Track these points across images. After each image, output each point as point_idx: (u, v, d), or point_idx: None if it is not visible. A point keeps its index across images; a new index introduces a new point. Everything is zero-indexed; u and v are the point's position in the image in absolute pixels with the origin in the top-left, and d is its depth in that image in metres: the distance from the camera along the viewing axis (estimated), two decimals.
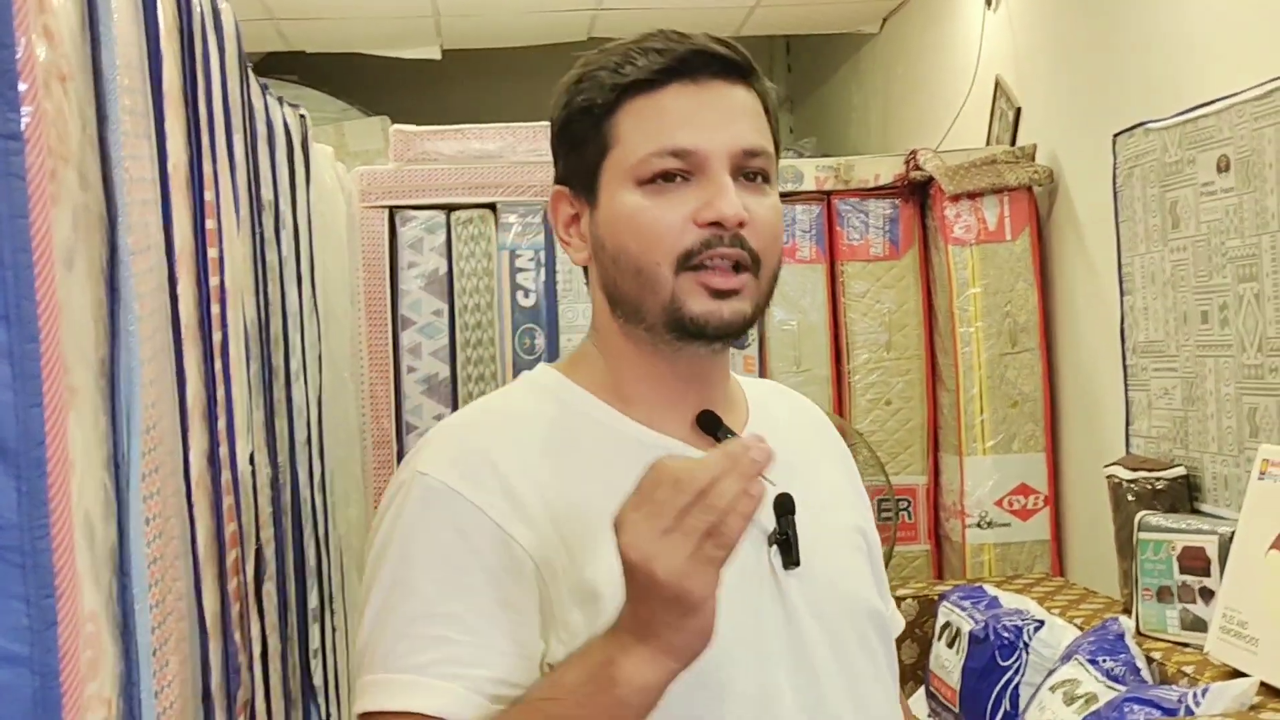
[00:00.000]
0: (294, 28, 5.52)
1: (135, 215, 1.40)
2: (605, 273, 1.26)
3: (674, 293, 1.20)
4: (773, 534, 1.24)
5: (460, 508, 1.16)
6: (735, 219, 1.19)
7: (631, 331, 1.25)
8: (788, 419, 1.41)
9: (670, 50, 1.22)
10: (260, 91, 2.45)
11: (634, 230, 1.21)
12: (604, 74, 1.24)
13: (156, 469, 1.45)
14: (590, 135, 1.25)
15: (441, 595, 1.14)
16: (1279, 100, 2.64)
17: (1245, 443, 2.83)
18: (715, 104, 1.22)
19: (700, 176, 1.20)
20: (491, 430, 1.24)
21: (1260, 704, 2.34)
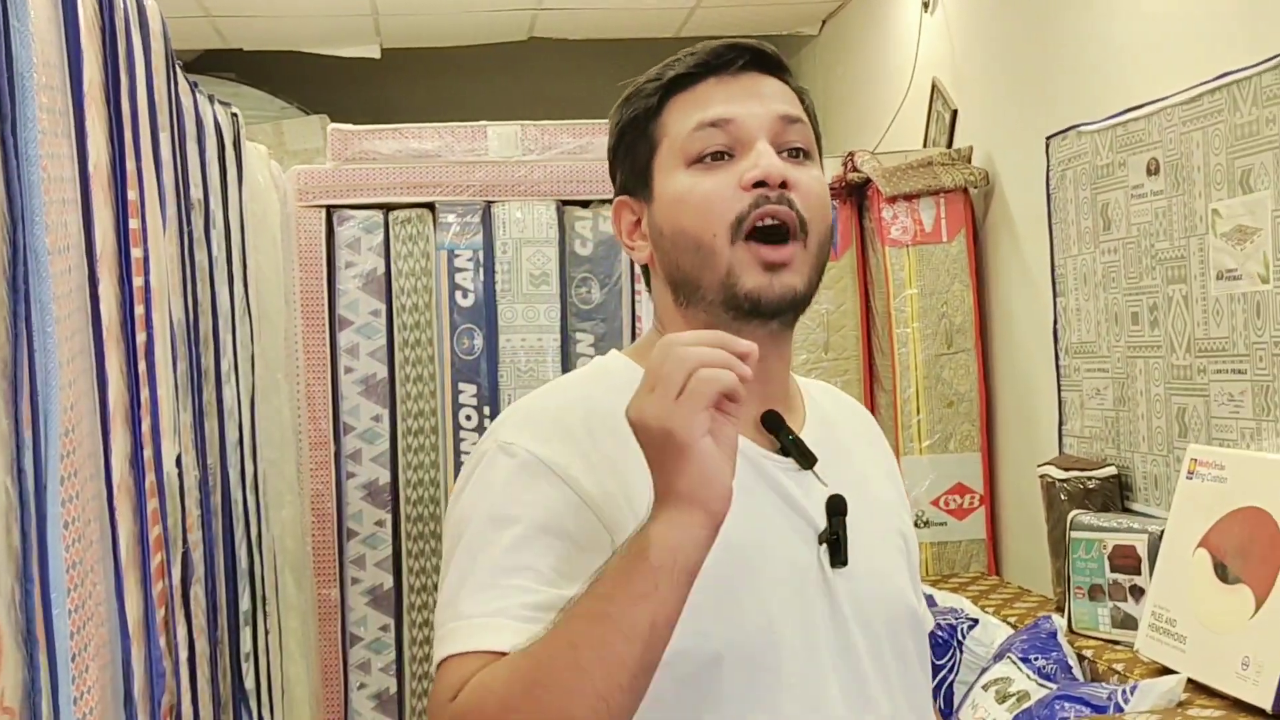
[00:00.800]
0: (231, 25, 5.47)
1: (54, 215, 1.38)
2: (666, 258, 1.32)
3: (730, 266, 1.26)
4: (824, 533, 1.29)
5: (542, 471, 1.22)
6: (778, 175, 1.25)
7: (692, 315, 1.30)
8: (840, 420, 1.45)
9: (705, 48, 1.32)
10: (190, 89, 2.42)
11: (687, 207, 1.28)
12: (648, 85, 1.34)
13: (75, 472, 1.43)
14: (641, 138, 1.33)
15: (523, 551, 1.19)
16: (1206, 105, 2.68)
17: (1174, 442, 2.86)
18: (751, 87, 1.31)
19: (741, 152, 1.28)
20: (565, 406, 1.30)
21: (1188, 700, 2.36)
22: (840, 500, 1.30)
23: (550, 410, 1.31)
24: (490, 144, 3.88)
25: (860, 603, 1.31)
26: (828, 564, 1.29)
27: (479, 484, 1.26)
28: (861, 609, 1.31)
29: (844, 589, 1.29)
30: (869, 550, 1.33)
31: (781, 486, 1.30)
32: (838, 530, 1.29)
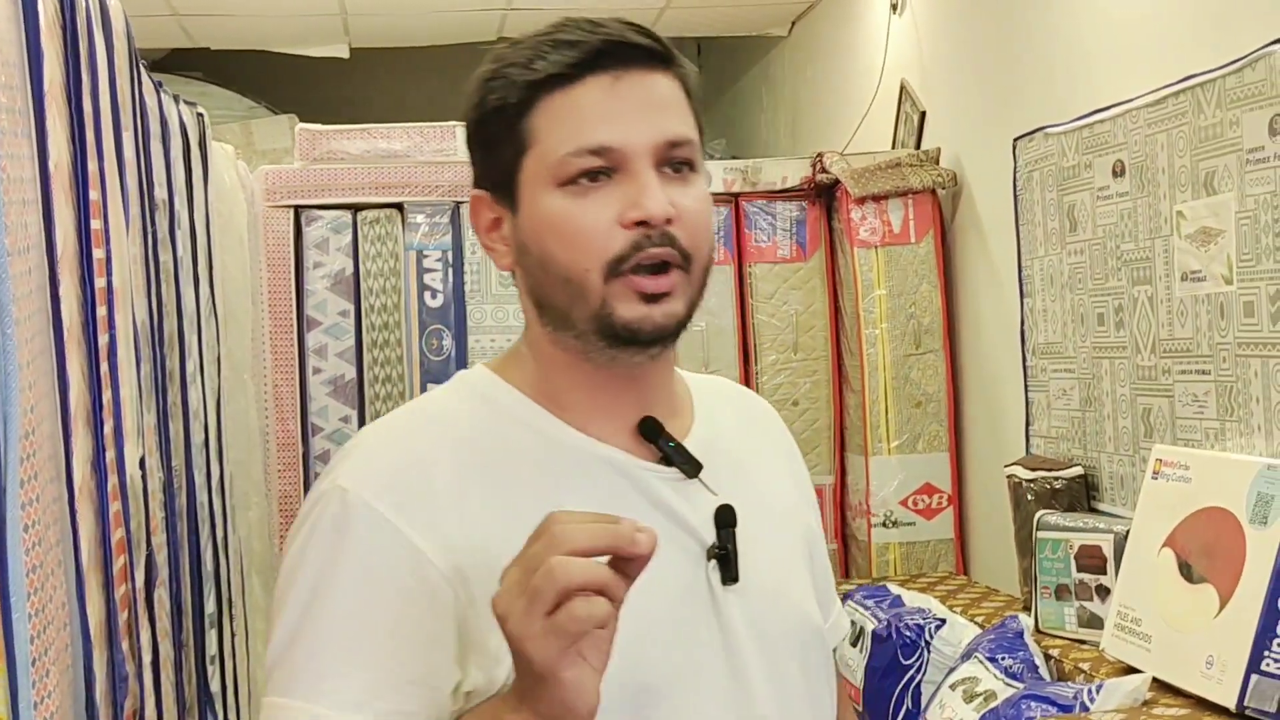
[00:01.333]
0: (198, 24, 5.43)
1: (14, 215, 1.37)
2: (532, 279, 1.20)
3: (604, 299, 1.15)
4: (712, 548, 1.20)
5: (379, 528, 1.11)
6: (662, 215, 1.14)
7: (561, 339, 1.20)
8: (735, 420, 1.36)
9: (584, 42, 1.16)
10: (154, 89, 2.41)
11: (559, 236, 1.15)
12: (515, 70, 1.17)
13: (35, 475, 1.42)
14: (505, 136, 1.18)
15: (352, 622, 1.09)
16: (1170, 107, 2.69)
17: (1140, 442, 2.88)
18: (634, 96, 1.16)
19: (622, 173, 1.15)
20: (419, 438, 1.18)
21: (1153, 699, 2.37)
22: (729, 511, 1.21)
23: (401, 447, 1.18)
24: (459, 144, 3.87)
25: (755, 622, 1.22)
26: (717, 582, 1.20)
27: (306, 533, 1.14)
28: (757, 628, 1.22)
29: (736, 607, 1.20)
30: (766, 562, 1.24)
31: (663, 500, 1.20)
32: (727, 544, 1.20)
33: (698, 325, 4.04)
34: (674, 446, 1.21)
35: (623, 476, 1.19)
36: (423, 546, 1.10)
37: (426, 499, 1.12)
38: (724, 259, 4.10)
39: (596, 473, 1.18)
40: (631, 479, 1.19)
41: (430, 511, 1.12)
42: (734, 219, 4.12)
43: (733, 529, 1.20)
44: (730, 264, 4.10)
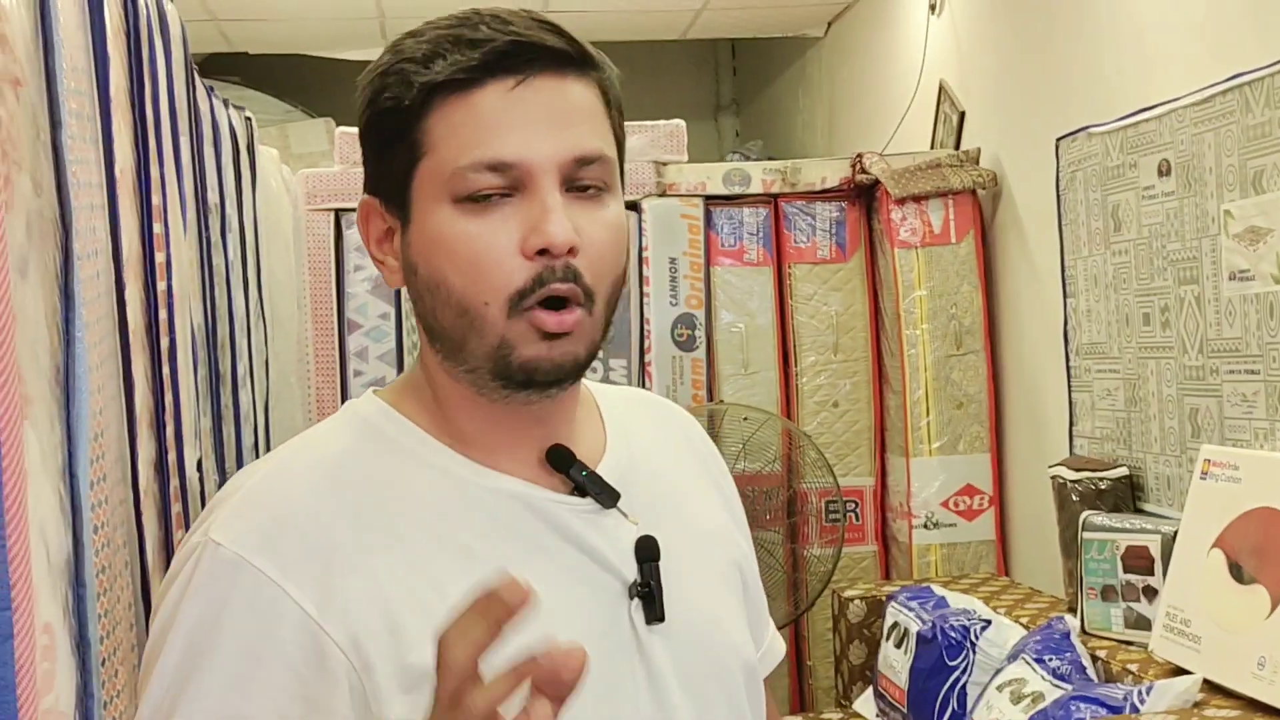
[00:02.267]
0: (237, 29, 5.47)
1: (83, 220, 1.38)
2: (421, 302, 1.07)
3: (504, 337, 1.03)
4: (634, 585, 1.09)
5: (258, 586, 0.98)
6: (564, 244, 1.01)
7: (452, 369, 1.08)
8: (653, 435, 1.24)
9: (487, 41, 1.03)
10: (206, 94, 2.43)
11: (454, 261, 1.03)
12: (411, 68, 1.04)
13: (104, 477, 1.43)
14: (397, 140, 1.05)
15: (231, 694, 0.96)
16: (1218, 106, 2.68)
17: (1187, 443, 2.87)
18: (541, 105, 1.03)
19: (524, 192, 1.03)
20: (301, 482, 1.04)
21: (1204, 701, 2.37)
22: (651, 543, 1.10)
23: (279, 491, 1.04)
24: None
25: (683, 662, 1.11)
26: (641, 622, 1.09)
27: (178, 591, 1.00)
28: (685, 668, 1.11)
29: (663, 649, 1.10)
30: (693, 596, 1.13)
31: (576, 535, 1.08)
32: (650, 580, 1.09)
33: (737, 326, 4.04)
34: (586, 475, 1.10)
35: (532, 512, 1.08)
36: (311, 611, 0.98)
37: (315, 555, 0.99)
38: (762, 260, 4.10)
39: (503, 511, 1.07)
40: (542, 515, 1.08)
41: (319, 569, 0.99)
42: (773, 220, 4.12)
43: (656, 563, 1.10)
44: (769, 265, 4.10)
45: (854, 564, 4.08)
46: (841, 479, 3.97)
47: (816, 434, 4.03)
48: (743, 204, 4.10)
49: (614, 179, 1.08)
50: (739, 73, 7.38)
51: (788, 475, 3.93)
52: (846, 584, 3.86)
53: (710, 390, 4.06)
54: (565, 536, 1.08)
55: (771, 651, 1.32)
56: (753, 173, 4.12)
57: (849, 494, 4.04)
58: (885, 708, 3.31)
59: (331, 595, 0.98)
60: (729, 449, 3.84)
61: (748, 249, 4.10)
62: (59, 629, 0.98)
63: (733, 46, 7.30)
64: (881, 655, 3.37)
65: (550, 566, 1.05)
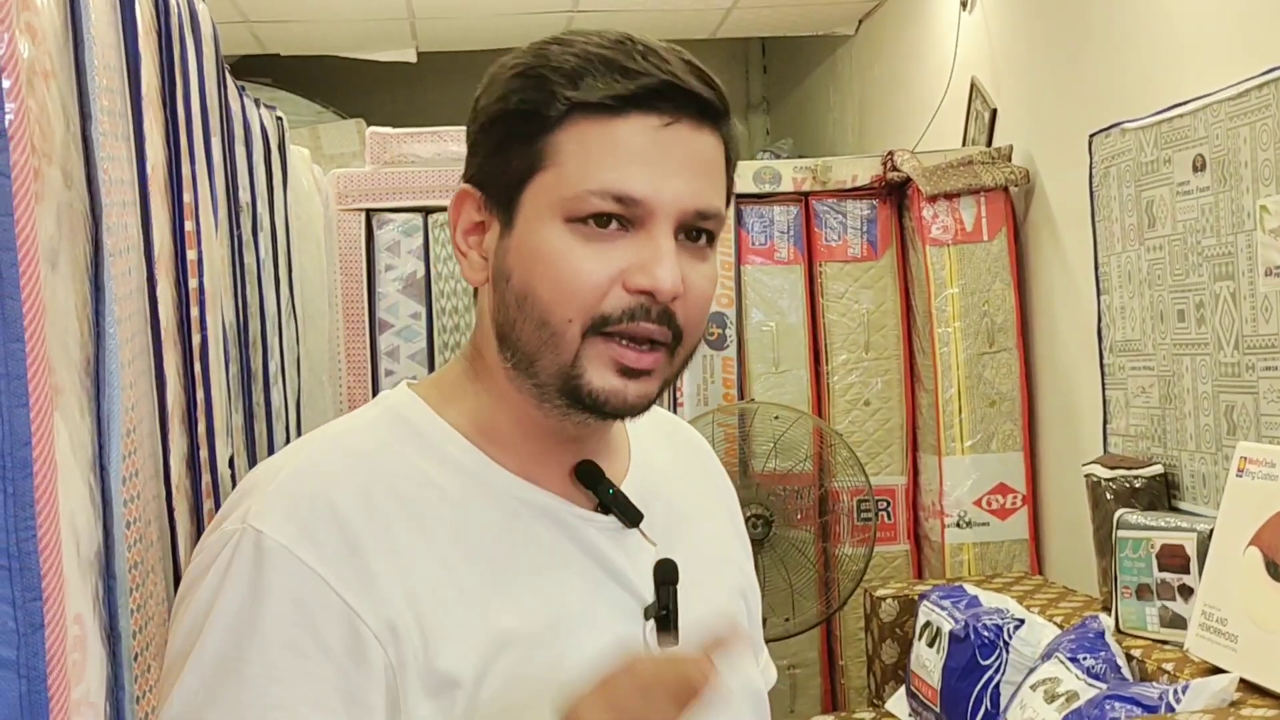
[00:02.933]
0: (268, 30, 5.50)
1: (114, 217, 1.39)
2: (504, 309, 1.06)
3: (577, 357, 1.03)
4: (650, 607, 1.09)
5: (300, 576, 0.97)
6: (671, 293, 1.02)
7: (517, 378, 1.07)
8: (671, 461, 1.24)
9: (642, 74, 1.03)
10: (237, 93, 2.44)
11: (550, 275, 1.02)
12: (556, 79, 1.03)
13: (136, 473, 1.44)
14: (522, 144, 1.04)
15: (276, 684, 0.95)
16: (1254, 100, 2.66)
17: (1223, 440, 2.84)
18: (676, 151, 1.03)
19: (640, 230, 1.02)
20: (338, 477, 1.03)
21: (1240, 700, 2.35)
22: (670, 566, 1.11)
23: (315, 482, 1.03)
24: None
25: None
26: (654, 643, 1.09)
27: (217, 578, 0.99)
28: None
29: None
30: (704, 620, 1.12)
31: (601, 553, 1.09)
32: (667, 603, 1.09)
33: (768, 325, 4.04)
34: (613, 494, 1.10)
35: (560, 527, 1.08)
36: (351, 601, 0.98)
37: (352, 548, 0.99)
38: (793, 258, 4.09)
39: (532, 522, 1.07)
40: (568, 529, 1.08)
41: (355, 562, 0.99)
42: (804, 218, 4.11)
43: (674, 586, 1.10)
44: (800, 263, 4.10)
45: (886, 563, 4.07)
46: (873, 478, 3.96)
47: (848, 432, 4.02)
48: (773, 202, 4.10)
49: (720, 224, 1.08)
50: (769, 71, 7.37)
51: (819, 474, 3.92)
52: (879, 583, 3.84)
53: (741, 389, 4.05)
54: (589, 553, 1.08)
55: (765, 673, 1.32)
56: (783, 171, 4.11)
57: (881, 493, 4.02)
58: (918, 707, 3.29)
59: (369, 588, 0.98)
60: (759, 448, 3.83)
61: (778, 247, 4.09)
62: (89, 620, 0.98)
63: (763, 45, 7.29)
64: (914, 655, 3.35)
65: (573, 581, 1.06)
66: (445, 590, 0.99)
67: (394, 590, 0.99)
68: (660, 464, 1.20)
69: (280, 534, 0.97)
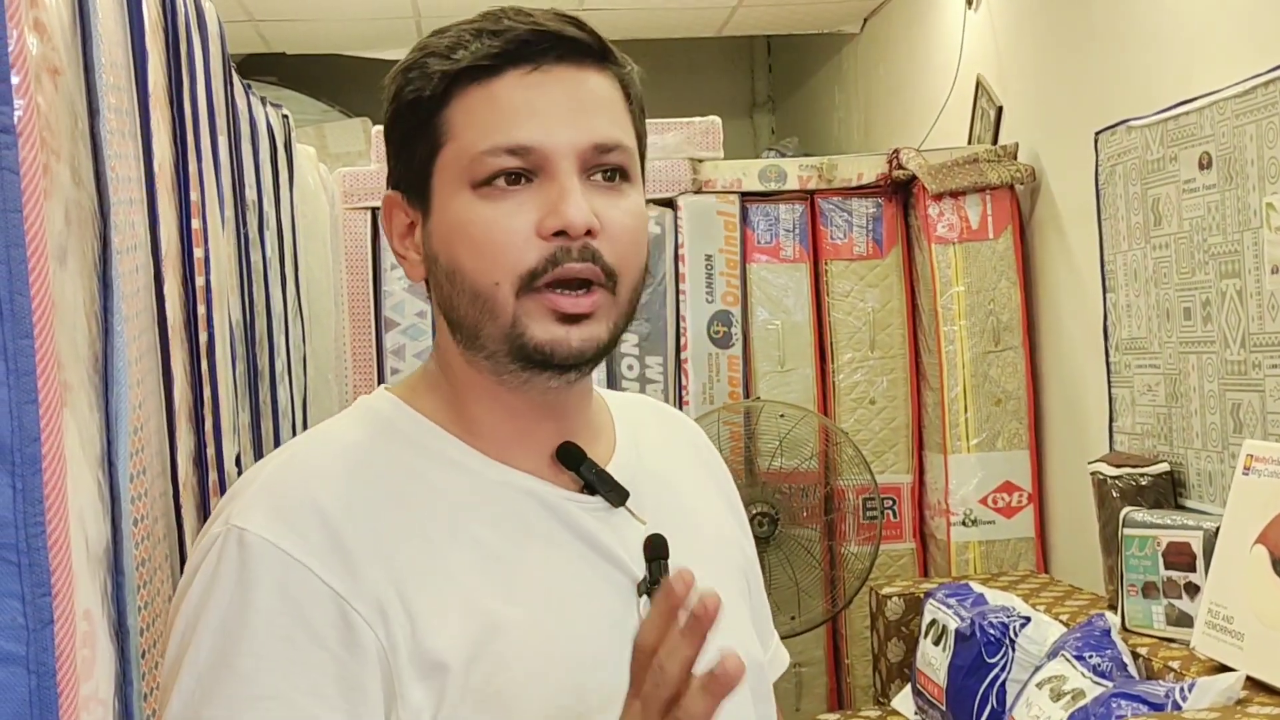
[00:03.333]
0: (274, 29, 5.50)
1: (121, 214, 1.39)
2: (441, 292, 1.08)
3: (515, 316, 1.04)
4: (642, 583, 1.09)
5: (287, 569, 0.98)
6: (582, 225, 1.02)
7: (473, 359, 1.09)
8: (662, 441, 1.25)
9: (507, 31, 1.05)
10: (244, 92, 2.44)
11: (469, 244, 1.04)
12: (433, 61, 1.06)
13: (144, 470, 1.44)
14: (420, 132, 1.07)
15: (269, 675, 0.96)
16: (1260, 97, 2.66)
17: (1229, 438, 2.84)
18: (560, 93, 1.05)
19: (543, 178, 1.04)
20: (319, 472, 1.04)
21: (1247, 698, 2.34)
22: (660, 541, 1.10)
23: (295, 479, 1.04)
24: None
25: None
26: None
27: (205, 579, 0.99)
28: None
29: None
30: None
31: (587, 532, 1.09)
32: (659, 577, 1.08)
33: (773, 323, 4.03)
34: (596, 473, 1.11)
35: (544, 508, 1.08)
36: (339, 589, 0.98)
37: (335, 539, 1.00)
38: (799, 256, 4.09)
39: (516, 505, 1.08)
40: (553, 510, 1.09)
41: (339, 551, 0.99)
42: (809, 216, 4.11)
43: (664, 560, 1.10)
44: (806, 261, 4.09)
45: (892, 561, 4.07)
46: (879, 476, 3.96)
47: (853, 431, 4.02)
48: (779, 200, 4.09)
49: (634, 169, 1.09)
50: (774, 69, 7.37)
51: (825, 472, 3.92)
52: (884, 581, 3.84)
53: (746, 387, 4.05)
54: (576, 533, 1.08)
55: (777, 660, 1.33)
56: (789, 169, 4.11)
57: (886, 491, 4.02)
58: (924, 705, 3.29)
59: (355, 574, 0.98)
60: (765, 446, 3.83)
61: (784, 246, 4.09)
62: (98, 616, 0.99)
63: (768, 43, 7.29)
64: (920, 653, 3.35)
65: (562, 562, 1.06)
66: (432, 575, 0.99)
67: (379, 576, 0.99)
68: (650, 447, 1.21)
69: (263, 530, 0.99)
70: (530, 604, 1.02)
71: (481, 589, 1.02)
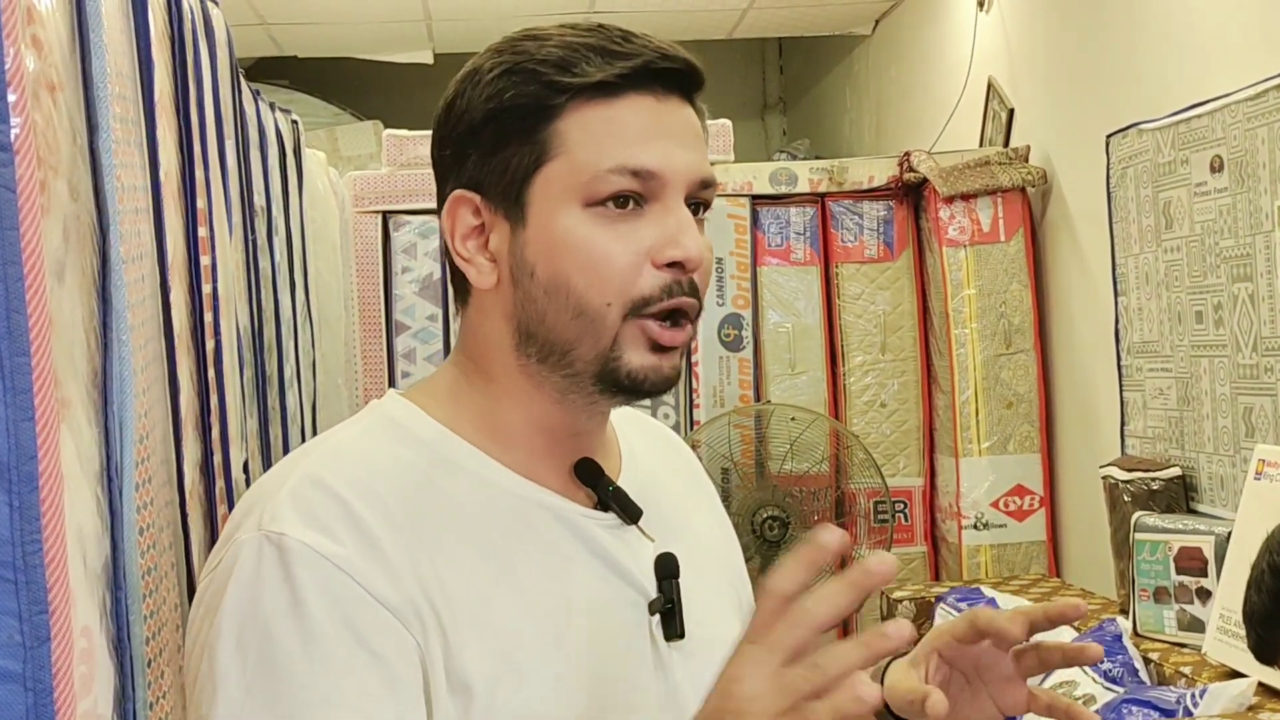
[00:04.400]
0: (285, 33, 5.51)
1: (127, 224, 1.39)
2: (529, 304, 1.05)
3: (616, 340, 1.04)
4: (655, 601, 1.08)
5: (328, 572, 0.96)
6: (699, 261, 1.04)
7: (539, 373, 1.07)
8: (655, 458, 1.24)
9: (631, 55, 1.04)
10: (252, 97, 2.44)
11: (582, 263, 1.03)
12: (546, 70, 1.03)
13: (149, 479, 1.44)
14: (521, 139, 1.04)
15: (322, 677, 0.94)
16: (1272, 100, 2.64)
17: (1241, 442, 2.83)
18: (674, 124, 1.06)
19: (655, 205, 1.04)
20: (345, 479, 1.02)
21: (1258, 704, 2.33)
22: (671, 560, 1.10)
23: (326, 484, 1.01)
24: None
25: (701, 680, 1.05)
26: (660, 638, 1.08)
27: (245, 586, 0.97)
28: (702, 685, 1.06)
29: (681, 666, 1.09)
30: (706, 614, 1.13)
31: (604, 549, 1.08)
32: (671, 597, 1.08)
33: (784, 326, 4.03)
34: (613, 490, 1.10)
35: (563, 524, 1.07)
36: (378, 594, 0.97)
37: (369, 544, 0.99)
38: (809, 259, 4.09)
39: (535, 520, 1.07)
40: (571, 526, 1.08)
41: (376, 557, 0.98)
42: (820, 219, 4.11)
43: (675, 579, 1.09)
44: (817, 264, 4.09)
45: (903, 565, 4.06)
46: (890, 479, 3.95)
47: (864, 434, 4.01)
48: (790, 203, 4.09)
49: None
50: (786, 71, 7.36)
51: (835, 476, 3.91)
52: (895, 585, 3.83)
53: (757, 390, 4.05)
54: (593, 550, 1.07)
55: None
56: (799, 172, 4.11)
57: (898, 494, 4.01)
58: None
59: (393, 581, 0.98)
60: (776, 449, 3.82)
61: (795, 248, 4.09)
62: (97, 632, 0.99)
63: (780, 45, 7.28)
64: None
65: (579, 578, 1.05)
66: (458, 590, 0.99)
67: (414, 587, 0.98)
68: (647, 461, 1.20)
69: (301, 535, 0.97)
70: (551, 621, 1.02)
71: (504, 605, 1.01)
